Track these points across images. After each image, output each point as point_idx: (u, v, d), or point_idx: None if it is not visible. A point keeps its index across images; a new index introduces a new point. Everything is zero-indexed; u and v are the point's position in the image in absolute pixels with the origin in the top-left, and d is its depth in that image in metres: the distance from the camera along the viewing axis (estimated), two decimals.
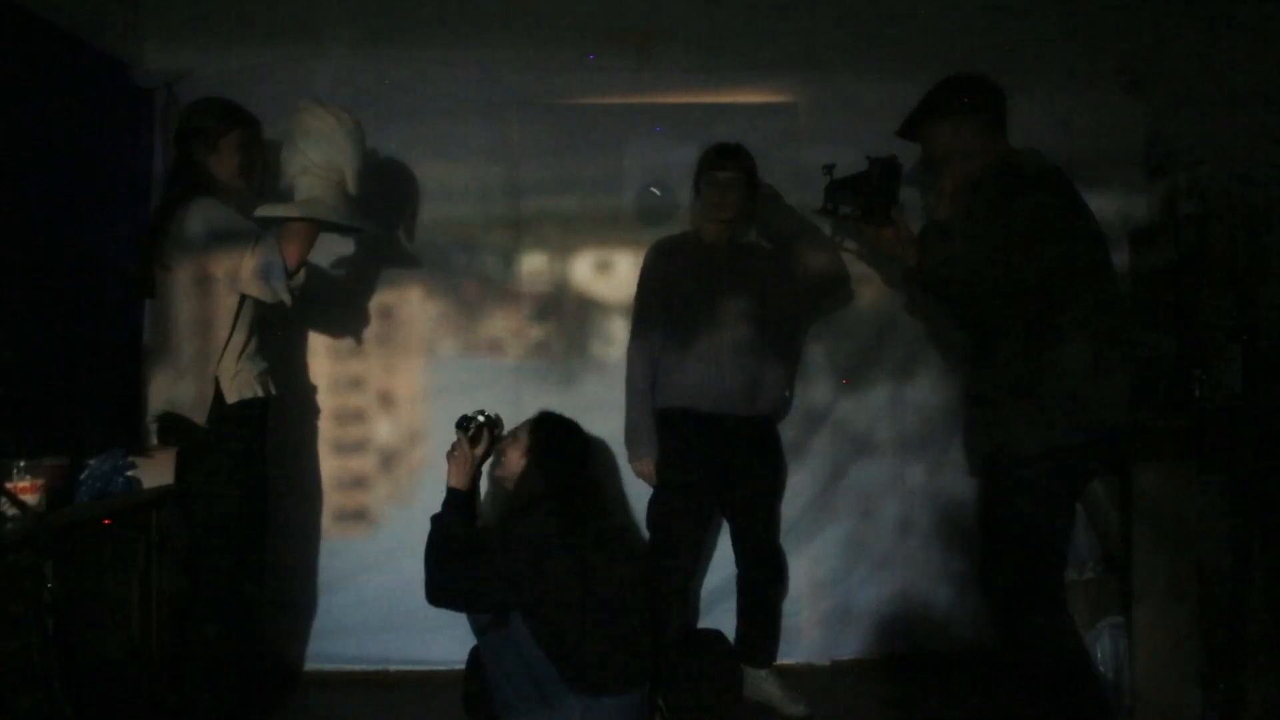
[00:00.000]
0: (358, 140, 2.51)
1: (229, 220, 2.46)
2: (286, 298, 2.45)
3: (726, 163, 2.88)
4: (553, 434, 2.55)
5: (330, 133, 2.45)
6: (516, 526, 2.38)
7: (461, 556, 2.39)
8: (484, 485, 2.77)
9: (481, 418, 2.62)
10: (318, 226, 2.48)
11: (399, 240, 3.23)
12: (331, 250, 3.10)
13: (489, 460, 2.67)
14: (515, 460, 2.54)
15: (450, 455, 2.58)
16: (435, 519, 2.52)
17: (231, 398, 2.48)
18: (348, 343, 3.26)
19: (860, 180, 2.59)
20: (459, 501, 2.55)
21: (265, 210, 2.49)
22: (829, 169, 2.74)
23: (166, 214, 2.49)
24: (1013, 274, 2.19)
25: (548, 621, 2.29)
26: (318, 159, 2.45)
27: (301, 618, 3.21)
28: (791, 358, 3.11)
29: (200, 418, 2.46)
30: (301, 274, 2.49)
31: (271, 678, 3.09)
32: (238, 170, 2.57)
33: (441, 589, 2.39)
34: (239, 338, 2.49)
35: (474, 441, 2.59)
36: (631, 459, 2.94)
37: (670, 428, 2.89)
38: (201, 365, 2.47)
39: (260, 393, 2.56)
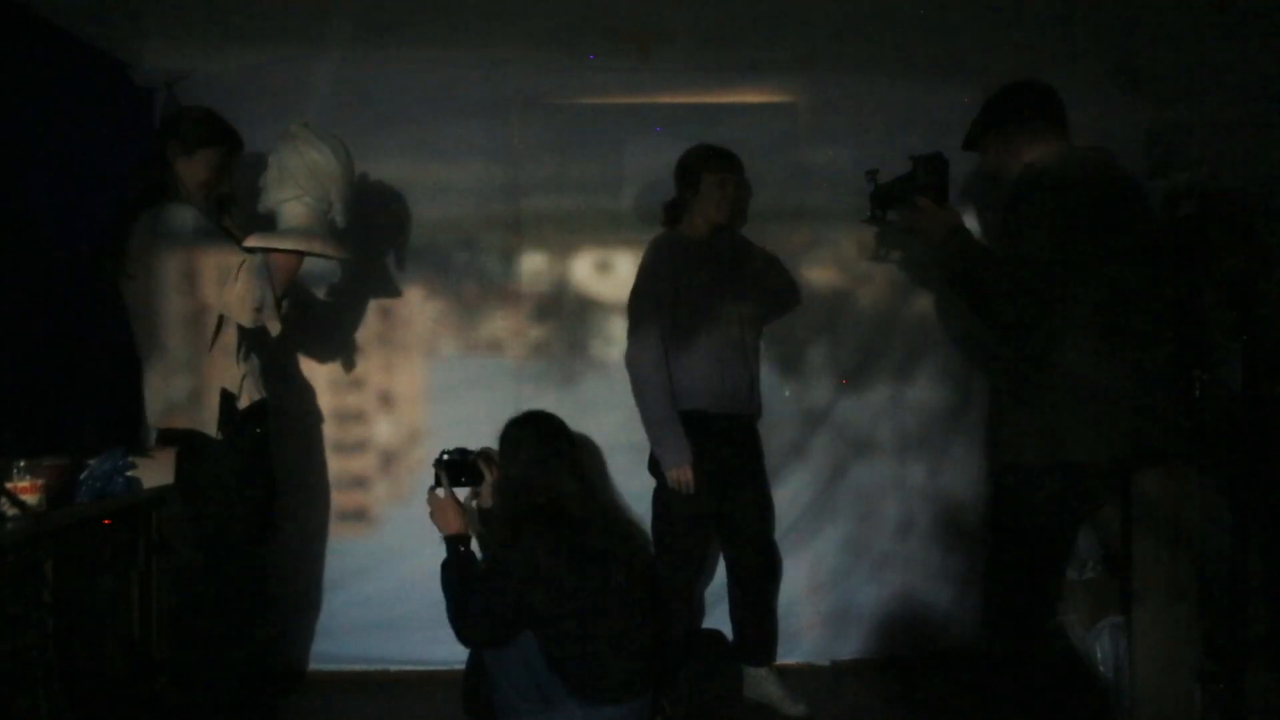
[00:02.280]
0: (348, 166, 2.49)
1: (208, 234, 2.45)
2: (276, 327, 2.44)
3: (731, 165, 2.91)
4: (506, 435, 2.49)
5: (321, 158, 2.42)
6: (510, 555, 2.32)
7: (476, 596, 2.35)
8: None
9: (445, 456, 2.55)
10: (303, 255, 2.46)
11: (387, 264, 3.23)
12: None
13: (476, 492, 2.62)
14: (492, 475, 2.52)
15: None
16: (444, 566, 2.46)
17: (243, 402, 2.47)
18: (348, 343, 3.25)
19: (906, 181, 2.51)
20: (455, 545, 2.48)
21: (257, 240, 2.43)
22: (872, 174, 2.69)
23: (132, 215, 2.44)
24: (1036, 274, 2.12)
25: (552, 633, 2.29)
26: (309, 186, 2.42)
27: (303, 618, 3.21)
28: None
29: (210, 426, 2.43)
30: (286, 301, 2.47)
31: (273, 678, 3.09)
32: (204, 185, 2.53)
33: (470, 631, 2.35)
34: (233, 340, 2.48)
35: (437, 482, 2.52)
36: (667, 466, 2.79)
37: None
38: (201, 372, 2.44)
39: (265, 394, 2.56)
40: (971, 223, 2.54)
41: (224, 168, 2.57)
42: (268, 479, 2.60)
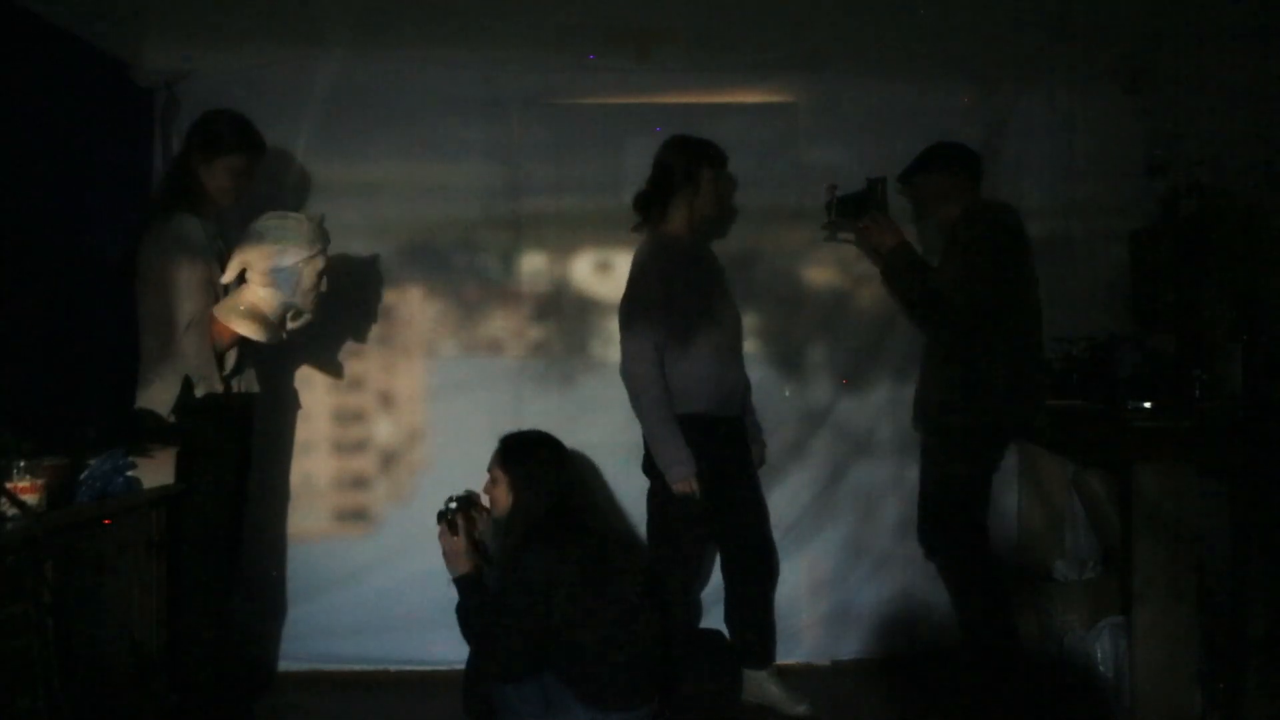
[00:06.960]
0: (322, 245, 2.53)
1: (199, 251, 2.49)
2: (219, 386, 2.51)
3: (725, 159, 2.93)
4: (524, 459, 2.49)
5: (296, 239, 2.46)
6: (518, 569, 2.34)
7: (499, 630, 2.35)
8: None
9: (454, 504, 2.57)
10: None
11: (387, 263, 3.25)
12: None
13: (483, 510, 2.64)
14: (502, 498, 2.50)
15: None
16: (459, 610, 2.49)
17: (200, 390, 2.49)
18: (348, 343, 3.25)
19: (864, 197, 2.96)
20: (470, 587, 2.51)
21: (221, 312, 2.47)
22: (832, 189, 3.02)
23: (148, 220, 2.52)
24: (972, 297, 2.72)
25: (564, 641, 2.29)
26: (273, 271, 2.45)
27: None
28: None
29: (163, 408, 2.47)
30: (232, 355, 2.53)
31: (269, 679, 3.10)
32: (225, 191, 2.58)
33: (506, 669, 2.34)
34: (205, 337, 2.49)
35: (453, 529, 2.54)
36: (673, 480, 2.71)
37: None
38: (169, 361, 2.47)
39: (235, 388, 2.57)
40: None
41: (245, 174, 2.60)
42: (229, 472, 2.60)
